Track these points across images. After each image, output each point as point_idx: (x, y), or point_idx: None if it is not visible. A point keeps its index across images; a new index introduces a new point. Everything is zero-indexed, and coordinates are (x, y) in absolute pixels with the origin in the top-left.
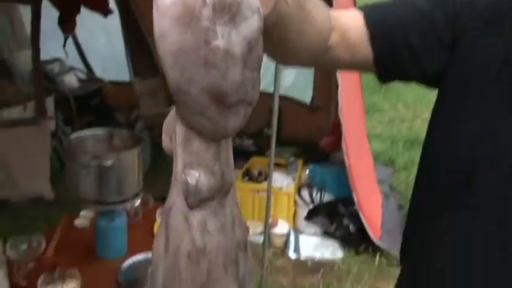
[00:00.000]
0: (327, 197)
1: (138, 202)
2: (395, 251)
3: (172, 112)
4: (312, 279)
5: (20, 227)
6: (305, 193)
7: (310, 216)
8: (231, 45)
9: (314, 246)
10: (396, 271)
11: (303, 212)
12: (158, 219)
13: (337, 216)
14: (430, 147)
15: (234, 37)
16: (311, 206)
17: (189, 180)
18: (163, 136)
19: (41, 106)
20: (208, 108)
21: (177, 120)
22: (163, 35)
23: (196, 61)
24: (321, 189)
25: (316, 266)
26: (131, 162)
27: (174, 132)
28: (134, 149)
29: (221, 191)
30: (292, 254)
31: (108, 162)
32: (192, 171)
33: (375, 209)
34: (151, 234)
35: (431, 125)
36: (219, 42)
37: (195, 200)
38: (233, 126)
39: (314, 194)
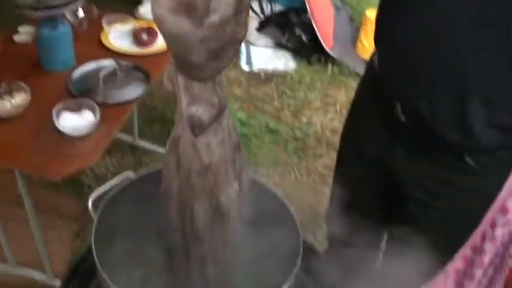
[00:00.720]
0: (278, 8)
1: (80, 12)
2: (346, 60)
3: (173, 61)
4: (265, 89)
5: None
6: (255, 4)
7: (262, 27)
8: (224, 11)
9: (266, 57)
10: (347, 80)
11: (254, 23)
12: (105, 27)
13: (288, 26)
14: None
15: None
16: (262, 17)
17: (193, 115)
18: (165, 80)
19: None
20: (206, 64)
21: (177, 72)
22: (161, 19)
23: (194, 41)
24: (271, 0)
25: (269, 77)
26: None
27: (175, 78)
28: None
29: (219, 115)
30: (244, 66)
31: None
32: (194, 108)
33: (327, 19)
34: (99, 44)
35: None
36: (214, 18)
37: (200, 130)
38: (228, 63)
39: (264, 5)
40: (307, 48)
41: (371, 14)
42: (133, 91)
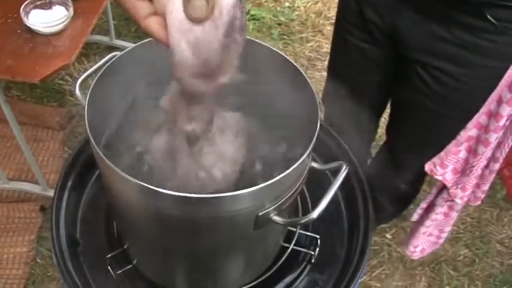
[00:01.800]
0: None
1: None
2: None
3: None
4: None
5: None
6: None
7: None
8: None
9: None
10: None
11: None
12: None
13: None
14: None
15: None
16: None
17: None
18: (165, 100)
19: None
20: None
21: (180, 96)
22: (181, 81)
23: (207, 93)
24: None
25: None
26: None
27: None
28: None
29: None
30: None
31: None
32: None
33: None
34: None
35: None
36: (223, 79)
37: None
38: None
39: None
40: None
41: None
42: None
